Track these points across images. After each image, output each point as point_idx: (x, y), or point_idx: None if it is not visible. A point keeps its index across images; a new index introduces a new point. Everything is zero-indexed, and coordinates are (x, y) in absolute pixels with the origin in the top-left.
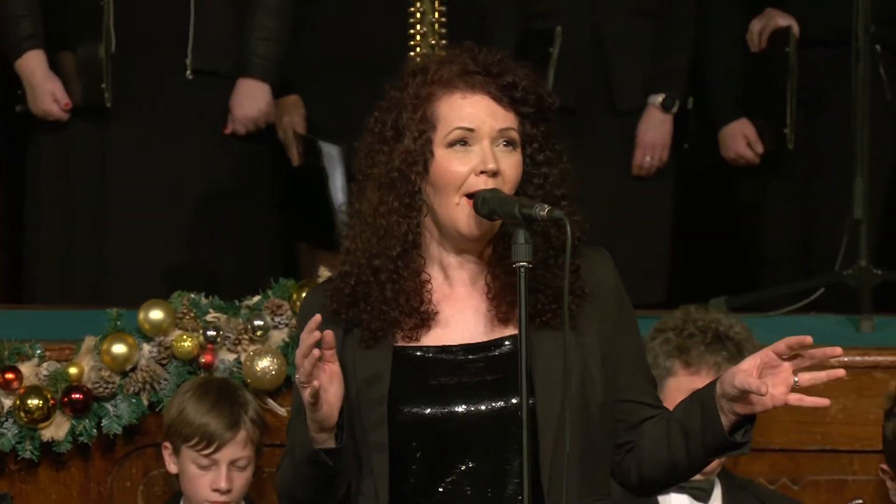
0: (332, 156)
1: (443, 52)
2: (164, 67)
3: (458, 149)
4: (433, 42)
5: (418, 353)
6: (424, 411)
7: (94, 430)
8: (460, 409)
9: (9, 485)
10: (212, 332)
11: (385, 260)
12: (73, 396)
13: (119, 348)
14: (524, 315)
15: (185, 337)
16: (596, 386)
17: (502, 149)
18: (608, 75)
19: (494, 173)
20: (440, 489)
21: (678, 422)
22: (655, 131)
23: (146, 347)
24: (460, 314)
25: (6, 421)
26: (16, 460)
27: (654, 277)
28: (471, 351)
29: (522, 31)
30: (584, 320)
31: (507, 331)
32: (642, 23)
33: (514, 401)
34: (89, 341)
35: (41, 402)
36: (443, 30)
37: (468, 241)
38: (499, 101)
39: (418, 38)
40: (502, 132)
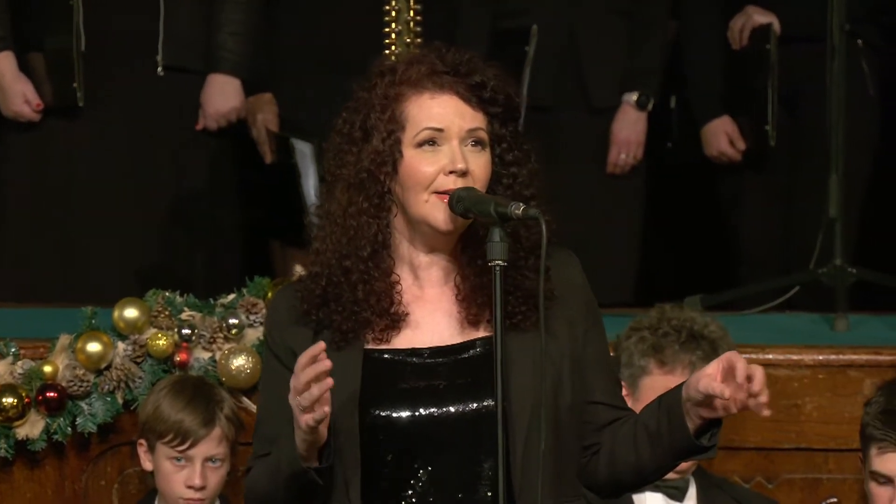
0: (304, 153)
1: (416, 51)
2: (135, 65)
3: (426, 149)
4: (408, 41)
5: (388, 356)
6: (394, 415)
7: (69, 429)
8: (431, 412)
9: None
10: (186, 331)
11: (356, 260)
12: (47, 395)
13: (94, 347)
14: (500, 313)
15: (159, 335)
16: (566, 388)
17: (471, 148)
18: (583, 74)
19: (464, 173)
20: (410, 492)
21: (644, 425)
22: (630, 129)
23: (121, 346)
24: (430, 316)
25: None
26: None
27: (630, 276)
28: (441, 354)
29: (497, 30)
30: (554, 322)
31: (478, 333)
32: (617, 21)
33: (485, 403)
34: (64, 340)
35: (16, 400)
36: (418, 28)
37: (440, 235)
38: (467, 101)
39: (393, 36)
40: (471, 132)
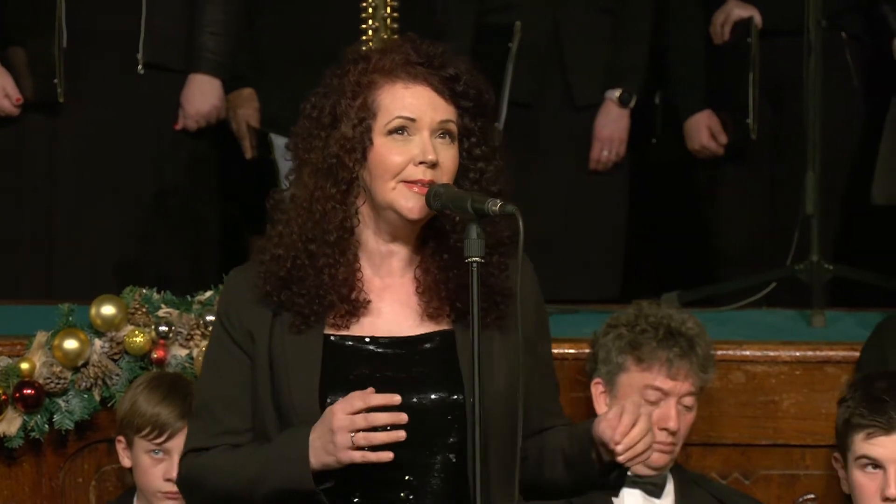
0: (284, 149)
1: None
2: (116, 62)
3: (397, 137)
4: (385, 37)
5: (348, 343)
6: None
7: (46, 426)
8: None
9: None
10: (164, 328)
11: (321, 244)
12: (24, 392)
13: (71, 344)
14: (476, 312)
15: (136, 332)
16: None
17: (441, 141)
18: (566, 70)
19: (433, 164)
20: (368, 480)
21: (562, 448)
22: (612, 126)
23: (98, 343)
24: (390, 306)
25: None
26: None
27: (611, 272)
28: (399, 344)
29: (481, 26)
30: (511, 321)
31: (436, 326)
32: (600, 18)
33: (433, 396)
34: (41, 337)
35: None
36: (395, 24)
37: (406, 223)
38: (440, 93)
39: (370, 32)
40: (442, 124)
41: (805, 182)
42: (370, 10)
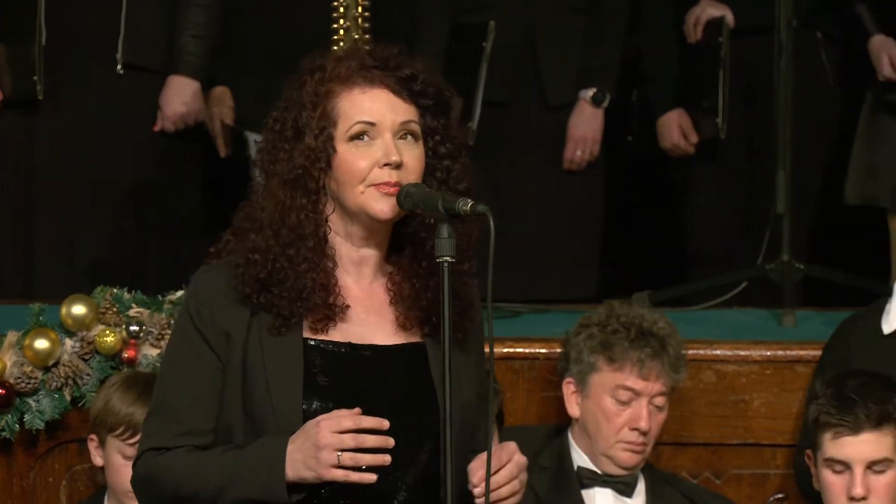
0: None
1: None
2: (95, 62)
3: (359, 143)
4: (356, 36)
5: (328, 348)
6: (331, 405)
7: (17, 426)
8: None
9: None
10: (135, 328)
11: (299, 249)
12: None
13: (41, 343)
14: (447, 312)
15: (107, 332)
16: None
17: (404, 141)
18: (540, 70)
19: (398, 165)
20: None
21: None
22: (586, 126)
23: (69, 342)
24: (365, 314)
25: None
26: None
27: (585, 272)
28: (377, 353)
29: (455, 25)
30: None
31: (408, 338)
32: (574, 18)
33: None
34: (11, 336)
35: None
36: (366, 24)
37: (377, 225)
38: (398, 94)
39: (342, 32)
40: (404, 125)
41: (776, 181)
42: (341, 10)
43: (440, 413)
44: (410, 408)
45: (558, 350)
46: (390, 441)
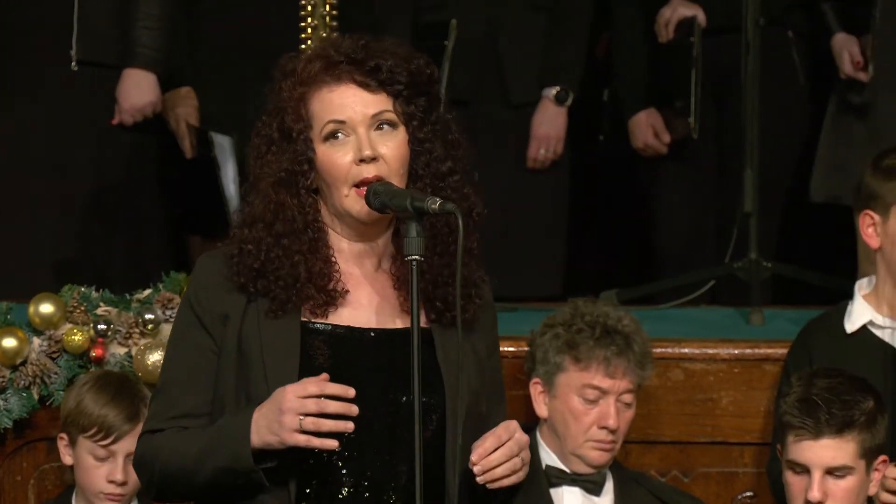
0: (223, 146)
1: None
2: (49, 58)
3: (334, 142)
4: (324, 34)
5: (327, 331)
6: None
7: None
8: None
9: None
10: (102, 326)
11: (294, 240)
12: None
13: (9, 342)
14: (416, 309)
15: (75, 331)
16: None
17: (381, 132)
18: (502, 68)
19: (373, 159)
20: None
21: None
22: (550, 124)
23: (36, 341)
24: (368, 298)
25: None
26: None
27: (551, 270)
28: (379, 336)
29: (417, 24)
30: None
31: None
32: (536, 16)
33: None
34: None
35: None
36: (334, 22)
37: (365, 225)
38: (365, 86)
39: (309, 30)
40: (376, 116)
41: (743, 180)
42: (309, 9)
43: (446, 393)
44: (403, 391)
45: (525, 349)
46: (354, 408)
